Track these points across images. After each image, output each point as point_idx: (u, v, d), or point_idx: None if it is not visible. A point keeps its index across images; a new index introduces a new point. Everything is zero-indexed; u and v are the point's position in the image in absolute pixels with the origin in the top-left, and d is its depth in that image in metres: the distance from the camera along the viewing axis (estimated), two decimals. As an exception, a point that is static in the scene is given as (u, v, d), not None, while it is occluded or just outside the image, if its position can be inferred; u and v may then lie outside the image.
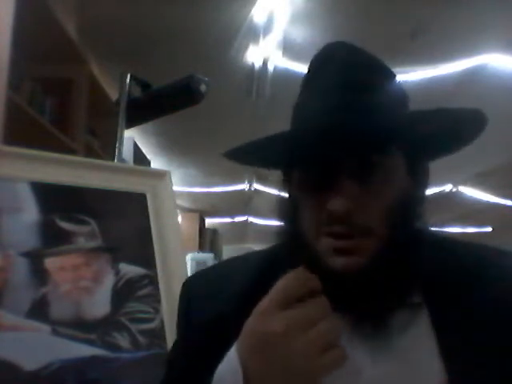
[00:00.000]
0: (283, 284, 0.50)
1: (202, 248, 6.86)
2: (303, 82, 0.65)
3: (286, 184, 0.66)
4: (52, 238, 0.98)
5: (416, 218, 0.61)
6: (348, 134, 0.55)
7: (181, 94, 1.56)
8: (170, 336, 0.98)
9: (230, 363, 0.50)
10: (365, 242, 0.57)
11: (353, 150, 0.56)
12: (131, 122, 1.58)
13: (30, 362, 0.84)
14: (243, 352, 0.50)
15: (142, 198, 1.12)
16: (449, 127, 0.59)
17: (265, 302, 0.50)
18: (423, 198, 0.63)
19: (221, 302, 0.63)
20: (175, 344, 0.69)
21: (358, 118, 0.56)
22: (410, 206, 0.60)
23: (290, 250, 0.62)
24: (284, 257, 0.60)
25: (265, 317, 0.49)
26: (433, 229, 0.65)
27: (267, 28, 2.88)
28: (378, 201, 0.57)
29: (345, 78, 0.59)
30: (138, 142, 3.49)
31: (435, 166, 0.71)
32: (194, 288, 0.70)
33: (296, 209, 0.61)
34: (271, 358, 0.48)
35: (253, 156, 0.65)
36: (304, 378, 0.48)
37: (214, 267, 0.76)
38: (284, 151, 0.61)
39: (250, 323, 0.51)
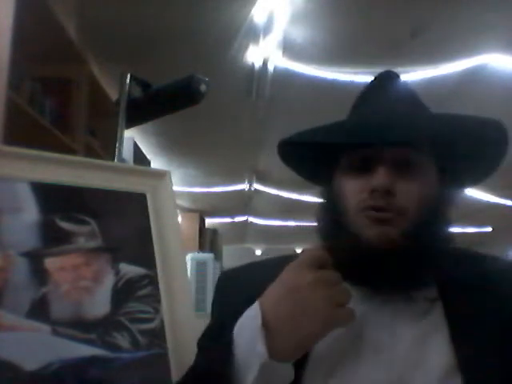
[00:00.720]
0: (311, 252, 0.62)
1: (202, 248, 6.86)
2: (357, 100, 0.79)
3: (327, 177, 0.76)
4: (52, 238, 0.98)
5: (441, 216, 0.71)
6: (392, 132, 0.68)
7: (181, 93, 1.56)
8: (170, 336, 0.98)
9: (252, 311, 0.60)
10: (400, 218, 0.66)
11: (390, 144, 0.68)
12: (131, 122, 1.58)
13: (30, 362, 0.84)
14: (268, 301, 0.60)
15: (141, 198, 1.12)
16: (471, 134, 0.70)
17: (295, 263, 0.61)
18: (450, 202, 0.73)
19: (250, 294, 0.69)
20: (207, 328, 0.78)
21: (401, 122, 0.70)
22: (438, 202, 0.70)
23: (333, 227, 0.71)
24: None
25: (296, 272, 0.60)
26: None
27: (267, 28, 2.88)
28: (413, 189, 0.68)
29: (396, 96, 0.75)
30: (138, 142, 3.49)
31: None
32: (227, 280, 0.84)
33: (339, 194, 0.72)
34: (294, 305, 0.58)
35: (312, 139, 0.76)
36: (317, 325, 0.58)
37: (247, 264, 0.85)
38: (347, 136, 0.72)
39: (281, 277, 0.61)
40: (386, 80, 0.79)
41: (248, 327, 0.59)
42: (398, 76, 0.79)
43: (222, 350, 0.61)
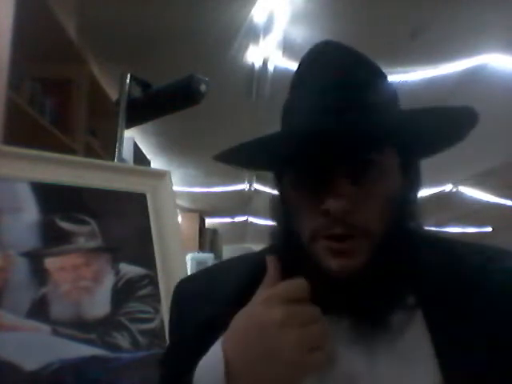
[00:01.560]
0: (288, 283, 0.52)
1: (202, 248, 6.86)
2: (292, 82, 0.64)
3: (277, 186, 0.66)
4: (52, 238, 0.98)
5: (411, 217, 0.61)
6: (340, 134, 0.55)
7: (181, 94, 1.56)
8: (170, 336, 0.98)
9: (213, 354, 0.52)
10: (363, 243, 0.57)
11: (346, 149, 0.55)
12: (131, 122, 1.58)
13: (30, 362, 0.84)
14: (233, 341, 0.51)
15: (141, 198, 1.12)
16: (440, 125, 0.59)
17: (266, 293, 0.52)
18: (416, 197, 0.63)
19: (210, 303, 0.63)
20: (168, 348, 0.69)
21: (349, 118, 0.55)
22: (404, 205, 0.60)
23: (284, 251, 0.61)
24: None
25: (266, 306, 0.51)
26: (428, 229, 0.65)
27: (267, 28, 2.88)
28: (374, 200, 0.57)
29: (335, 77, 0.58)
30: (138, 142, 3.49)
31: (435, 165, 0.70)
32: (184, 291, 0.70)
33: (289, 210, 0.61)
34: (260, 346, 0.49)
35: (244, 158, 0.65)
36: (288, 372, 0.49)
37: (205, 270, 0.75)
38: (276, 152, 0.61)
39: (249, 309, 0.52)
40: (322, 51, 0.63)
41: (209, 375, 0.52)
42: (338, 45, 0.63)
43: None
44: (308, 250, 0.59)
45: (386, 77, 0.64)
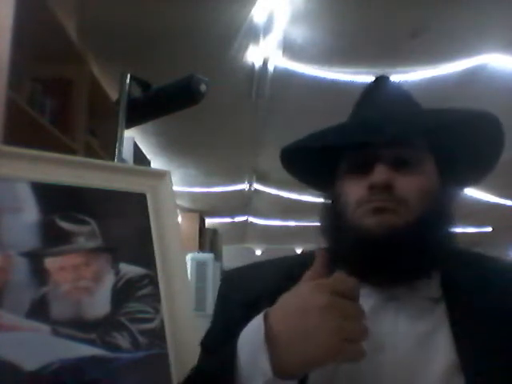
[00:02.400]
0: (340, 276, 0.57)
1: (202, 248, 6.86)
2: (355, 105, 0.80)
3: (327, 190, 0.77)
4: (52, 238, 0.98)
5: (445, 213, 0.70)
6: (386, 130, 0.68)
7: (181, 93, 1.56)
8: (170, 336, 0.98)
9: (256, 322, 0.58)
10: (401, 208, 0.66)
11: (390, 143, 0.68)
12: (131, 122, 1.58)
13: (30, 362, 0.84)
14: (276, 315, 0.57)
15: (142, 197, 1.12)
16: (467, 126, 0.70)
17: (316, 282, 0.57)
18: (451, 201, 0.72)
19: (254, 291, 0.71)
20: (210, 330, 0.77)
21: (395, 121, 0.70)
22: (439, 199, 0.69)
23: (334, 224, 0.71)
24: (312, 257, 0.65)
25: (312, 292, 0.56)
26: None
27: (267, 28, 2.88)
28: (413, 183, 0.67)
29: (390, 97, 0.77)
30: (138, 142, 3.49)
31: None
32: (231, 280, 0.81)
33: (340, 195, 0.72)
34: (300, 327, 0.54)
35: (312, 144, 0.76)
36: (320, 354, 0.53)
37: (250, 265, 0.84)
38: (344, 138, 0.73)
39: (295, 292, 0.58)
40: (380, 82, 0.80)
41: (251, 341, 0.57)
42: (390, 79, 0.81)
43: (224, 361, 0.59)
44: (352, 218, 0.68)
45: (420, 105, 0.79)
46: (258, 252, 10.82)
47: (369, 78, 0.82)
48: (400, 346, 0.64)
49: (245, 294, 0.73)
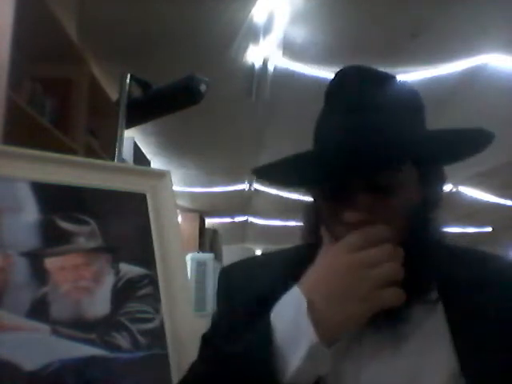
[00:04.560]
0: (349, 236, 0.59)
1: (202, 248, 6.86)
2: (324, 98, 0.70)
3: (312, 194, 0.74)
4: (52, 238, 0.98)
5: (430, 222, 0.67)
6: (358, 155, 0.60)
7: (181, 94, 1.56)
8: (170, 336, 0.98)
9: (292, 295, 0.59)
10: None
11: (363, 169, 0.62)
12: (131, 122, 1.58)
13: (30, 361, 0.84)
14: (309, 283, 0.59)
15: (141, 197, 1.12)
16: (456, 147, 0.65)
17: (333, 247, 0.60)
18: (436, 202, 0.68)
19: (255, 281, 0.72)
20: (218, 320, 0.76)
21: (367, 140, 0.62)
22: (422, 214, 0.66)
23: (310, 249, 0.69)
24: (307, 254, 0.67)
25: (333, 255, 0.59)
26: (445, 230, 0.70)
27: (267, 28, 2.88)
28: (392, 211, 0.63)
29: (357, 101, 0.64)
30: (138, 142, 3.49)
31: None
32: (232, 272, 0.80)
33: (319, 215, 0.70)
34: (335, 286, 0.57)
35: (277, 176, 0.75)
36: (362, 308, 0.56)
37: (246, 258, 0.83)
38: (304, 174, 0.69)
39: (318, 261, 0.61)
40: (351, 80, 0.67)
41: (290, 311, 0.58)
42: (364, 71, 0.68)
43: (259, 337, 0.59)
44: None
45: (408, 92, 0.70)
46: (258, 252, 10.82)
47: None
48: (399, 357, 0.63)
49: (248, 282, 0.74)
